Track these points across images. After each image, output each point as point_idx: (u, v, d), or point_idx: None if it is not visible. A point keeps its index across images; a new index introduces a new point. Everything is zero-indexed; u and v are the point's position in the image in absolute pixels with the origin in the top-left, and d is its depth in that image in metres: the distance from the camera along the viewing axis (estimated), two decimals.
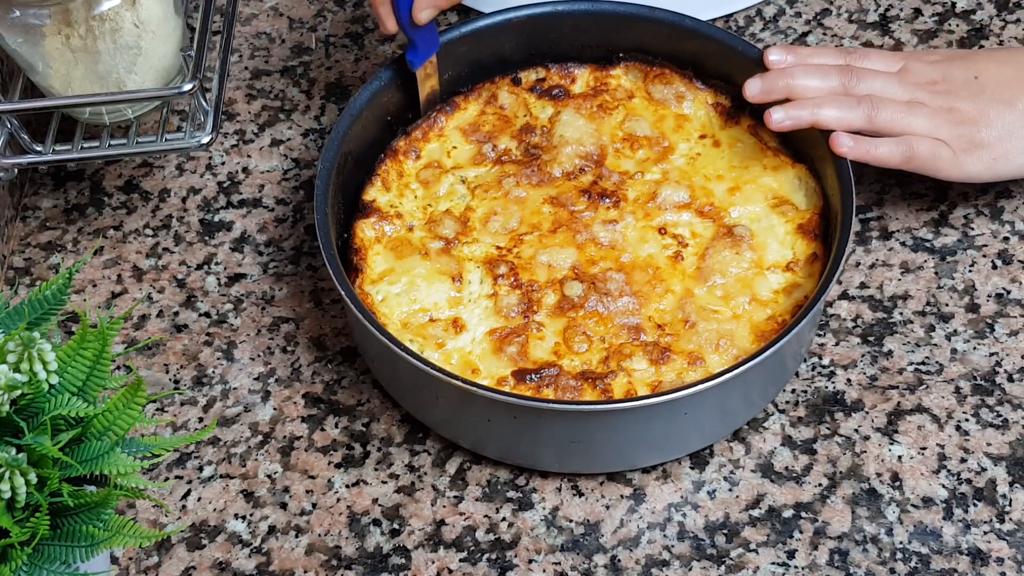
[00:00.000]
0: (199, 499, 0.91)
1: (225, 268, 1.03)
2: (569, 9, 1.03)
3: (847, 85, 0.95)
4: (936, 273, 0.99)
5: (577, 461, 0.90)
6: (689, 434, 0.89)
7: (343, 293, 0.88)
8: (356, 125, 0.98)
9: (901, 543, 0.87)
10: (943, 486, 0.89)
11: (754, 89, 0.97)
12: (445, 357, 0.91)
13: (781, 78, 0.96)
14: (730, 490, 0.90)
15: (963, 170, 0.95)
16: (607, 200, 0.98)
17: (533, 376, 0.89)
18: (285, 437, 0.94)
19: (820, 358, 0.95)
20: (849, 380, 0.94)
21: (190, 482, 0.92)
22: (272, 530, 0.90)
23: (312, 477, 0.92)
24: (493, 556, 0.88)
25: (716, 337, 0.90)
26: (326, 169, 0.95)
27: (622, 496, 0.90)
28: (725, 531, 0.88)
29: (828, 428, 0.92)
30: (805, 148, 0.98)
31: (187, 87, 0.93)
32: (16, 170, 0.99)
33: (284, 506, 0.91)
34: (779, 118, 0.94)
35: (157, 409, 0.96)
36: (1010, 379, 0.93)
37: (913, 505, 0.88)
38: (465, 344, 0.92)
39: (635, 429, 0.87)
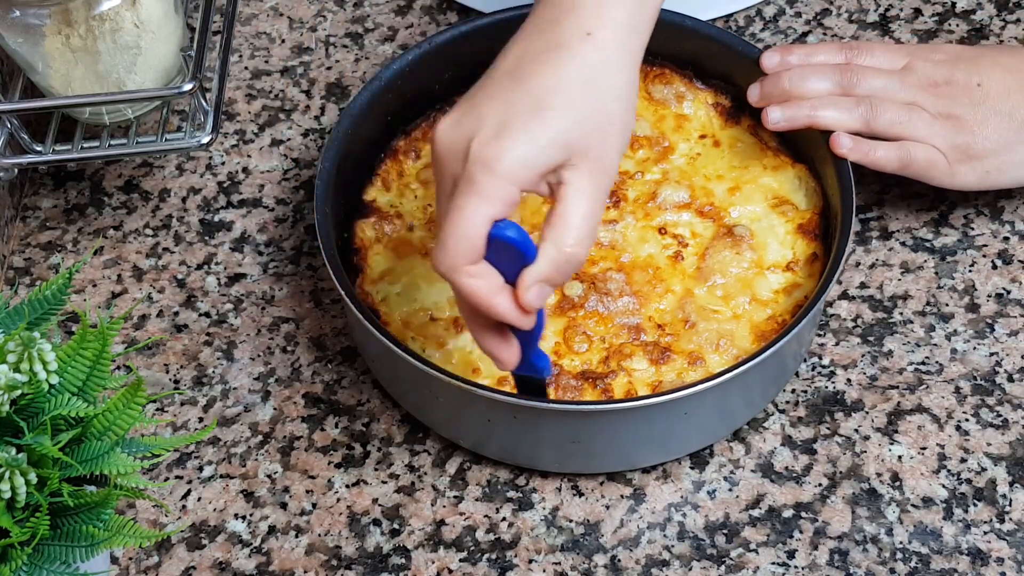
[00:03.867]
0: (199, 499, 0.91)
1: (225, 268, 1.03)
2: None
3: (846, 84, 0.95)
4: (936, 273, 0.99)
5: (577, 461, 0.90)
6: (689, 434, 0.89)
7: (343, 293, 0.88)
8: (356, 125, 0.98)
9: (901, 543, 0.87)
10: (943, 486, 0.89)
11: (754, 95, 0.97)
12: (446, 356, 0.91)
13: (779, 82, 0.96)
14: (730, 490, 0.90)
15: (956, 180, 0.95)
16: (607, 200, 0.98)
17: None
18: (285, 437, 0.94)
19: (820, 358, 0.95)
20: (849, 380, 0.94)
21: (190, 482, 0.92)
22: (272, 530, 0.90)
23: (312, 477, 0.92)
24: (493, 556, 0.88)
25: (716, 337, 0.90)
26: (326, 169, 0.95)
27: (622, 496, 0.90)
28: (725, 531, 0.88)
29: (828, 428, 0.92)
30: (805, 148, 0.98)
31: (187, 87, 0.93)
32: (16, 170, 0.99)
33: (284, 506, 0.91)
34: (775, 118, 0.94)
35: (157, 409, 0.96)
36: (1010, 379, 0.93)
37: (913, 505, 0.88)
38: (466, 344, 0.92)
39: (635, 429, 0.87)
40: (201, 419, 0.95)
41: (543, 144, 0.74)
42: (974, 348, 0.95)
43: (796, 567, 0.86)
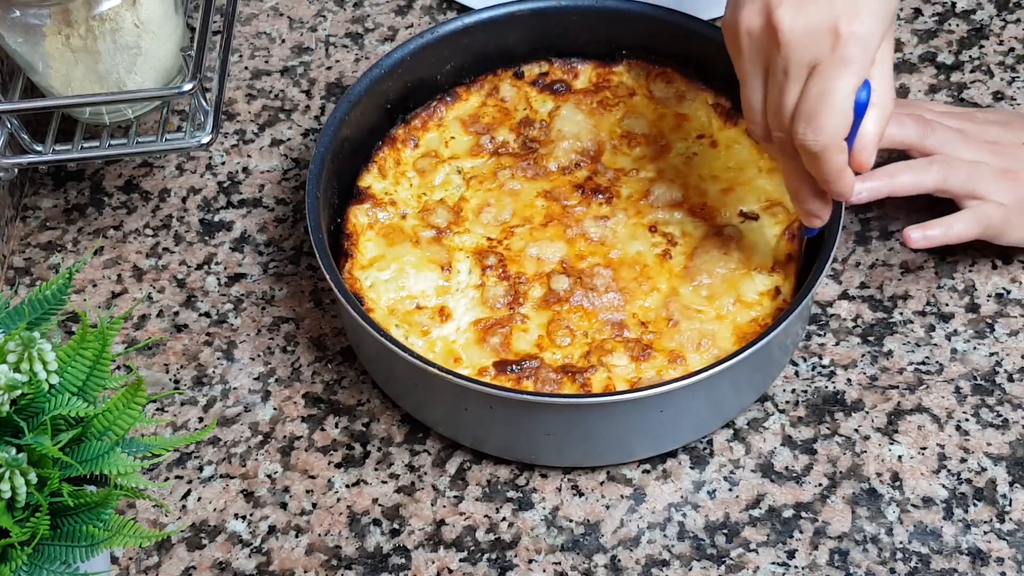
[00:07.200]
0: (199, 499, 0.91)
1: (225, 268, 1.03)
2: (573, 4, 1.03)
3: (923, 134, 0.95)
4: (936, 273, 0.99)
5: (550, 454, 0.90)
6: (678, 428, 0.89)
7: (327, 276, 0.88)
8: (354, 111, 0.98)
9: (901, 543, 0.87)
10: (943, 486, 0.89)
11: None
12: (429, 345, 0.91)
13: None
14: (730, 490, 0.90)
15: (1020, 233, 0.95)
16: (600, 196, 0.98)
17: (514, 367, 0.89)
18: (285, 437, 0.94)
19: (820, 358, 0.95)
20: (849, 380, 0.94)
21: (190, 482, 0.92)
22: (272, 530, 0.90)
23: (312, 477, 0.92)
24: (493, 556, 0.88)
25: (698, 337, 0.90)
26: (321, 153, 0.95)
27: (622, 496, 0.90)
28: (725, 531, 0.88)
29: (828, 428, 0.92)
30: None
31: (187, 87, 0.93)
32: (16, 170, 0.99)
33: (284, 506, 0.91)
34: (857, 189, 0.92)
35: (157, 409, 0.96)
36: (1010, 379, 0.93)
37: (913, 505, 0.88)
38: (450, 333, 0.92)
39: (609, 424, 0.87)
40: (201, 419, 0.95)
41: (889, 17, 0.81)
42: (974, 348, 0.95)
43: (796, 567, 0.86)
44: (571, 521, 0.89)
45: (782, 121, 0.82)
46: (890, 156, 0.97)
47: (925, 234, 0.93)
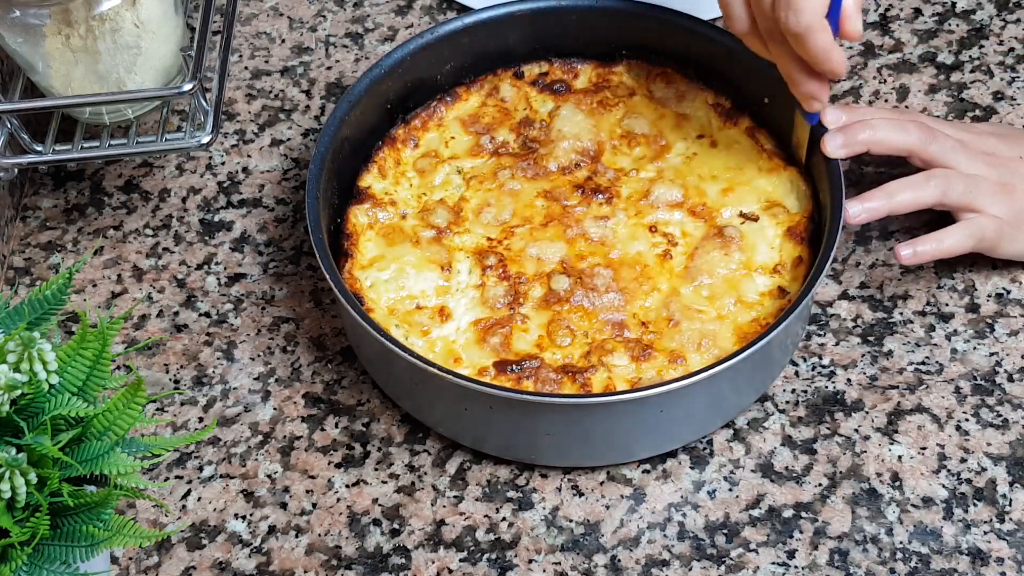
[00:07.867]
0: (199, 499, 0.91)
1: (225, 268, 1.03)
2: (573, 4, 1.03)
3: (926, 140, 0.94)
4: (936, 273, 0.99)
5: (550, 454, 0.90)
6: (679, 428, 0.89)
7: (327, 275, 0.88)
8: (354, 110, 0.98)
9: (901, 543, 0.87)
10: (943, 486, 0.89)
11: (835, 145, 0.93)
12: (429, 345, 0.91)
13: (862, 131, 0.93)
14: (730, 490, 0.90)
15: (1015, 247, 0.95)
16: (600, 196, 0.98)
17: (514, 367, 0.89)
18: (285, 437, 0.94)
19: (820, 358, 0.95)
20: (849, 380, 0.94)
21: (190, 482, 0.92)
22: (272, 530, 0.90)
23: (312, 477, 0.92)
24: (493, 556, 0.88)
25: (699, 337, 0.90)
26: (321, 153, 0.95)
27: (622, 496, 0.90)
28: (725, 531, 0.88)
29: (828, 428, 0.92)
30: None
31: (187, 87, 0.93)
32: (16, 170, 0.99)
33: (284, 506, 0.91)
34: (855, 211, 0.92)
35: (157, 409, 0.96)
36: (1010, 379, 0.93)
37: (913, 505, 0.88)
38: (450, 333, 0.92)
39: (608, 424, 0.87)
40: (201, 419, 0.95)
41: None
42: (974, 348, 0.95)
43: (796, 567, 0.86)
44: (571, 521, 0.89)
45: (764, 10, 0.87)
46: (891, 160, 0.97)
47: (915, 250, 0.93)
